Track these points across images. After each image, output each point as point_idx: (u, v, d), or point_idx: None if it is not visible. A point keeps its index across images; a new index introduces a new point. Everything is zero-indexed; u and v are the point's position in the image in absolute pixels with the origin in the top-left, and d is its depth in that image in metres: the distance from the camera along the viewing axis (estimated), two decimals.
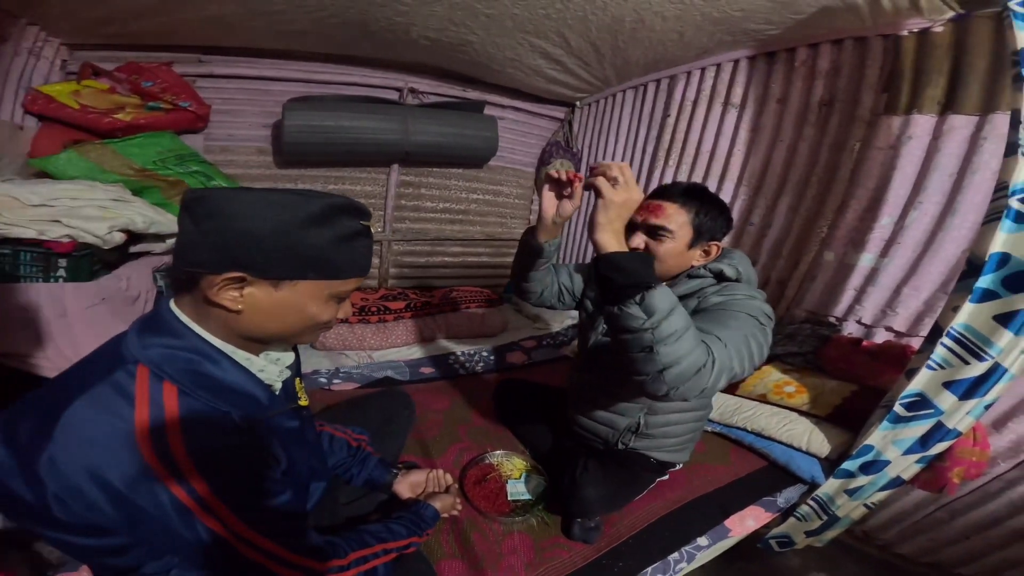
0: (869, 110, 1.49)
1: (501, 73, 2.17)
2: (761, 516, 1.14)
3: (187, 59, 1.83)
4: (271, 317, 0.53)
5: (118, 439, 0.44)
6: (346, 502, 0.91)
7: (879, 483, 1.10)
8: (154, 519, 0.45)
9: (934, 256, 1.32)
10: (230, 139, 2.01)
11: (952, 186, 1.30)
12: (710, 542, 1.03)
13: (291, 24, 1.65)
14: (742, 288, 0.88)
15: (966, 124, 1.27)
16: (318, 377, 1.57)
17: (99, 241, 1.20)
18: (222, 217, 0.48)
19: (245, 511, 0.49)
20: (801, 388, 1.32)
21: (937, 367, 0.96)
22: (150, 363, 0.48)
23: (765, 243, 1.78)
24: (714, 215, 0.90)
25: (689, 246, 0.90)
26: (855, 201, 1.49)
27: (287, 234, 0.49)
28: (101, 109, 1.55)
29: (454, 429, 1.32)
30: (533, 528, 0.99)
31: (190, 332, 0.51)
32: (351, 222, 0.54)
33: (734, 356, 0.70)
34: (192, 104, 1.74)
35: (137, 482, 0.44)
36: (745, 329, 0.75)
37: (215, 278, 0.48)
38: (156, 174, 1.55)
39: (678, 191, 0.90)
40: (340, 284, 0.55)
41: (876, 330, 1.45)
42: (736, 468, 1.24)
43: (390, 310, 1.97)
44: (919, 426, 1.00)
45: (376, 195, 2.39)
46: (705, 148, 1.96)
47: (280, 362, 0.62)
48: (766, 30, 1.61)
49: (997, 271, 0.85)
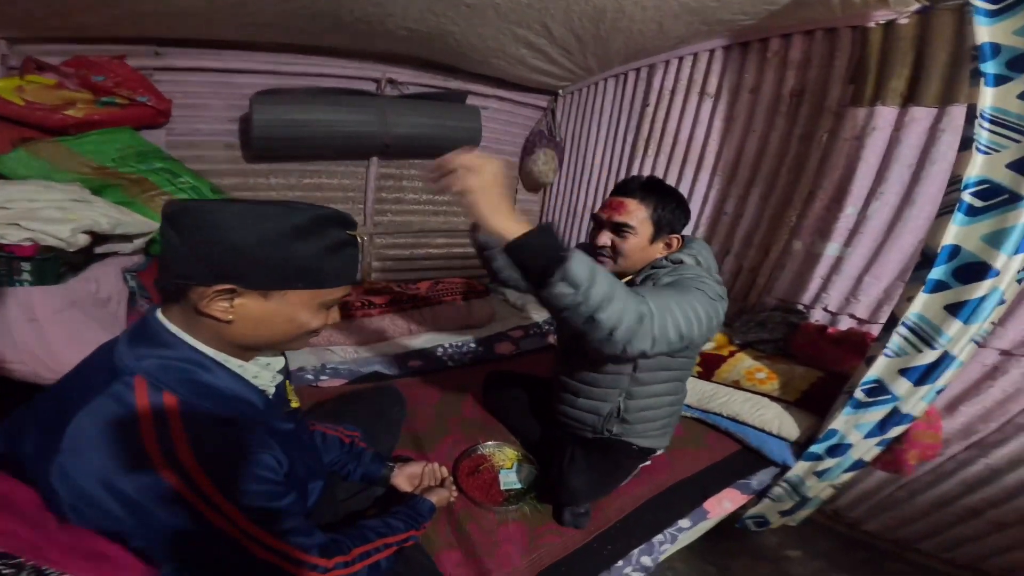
0: (837, 101, 1.52)
1: (483, 63, 2.12)
2: (737, 498, 1.20)
3: (142, 52, 1.71)
4: (262, 326, 0.54)
5: (127, 449, 0.45)
6: (344, 498, 0.93)
7: (844, 465, 1.16)
8: (167, 524, 0.47)
9: (893, 246, 1.38)
10: (195, 134, 1.90)
11: (911, 177, 1.35)
12: (691, 523, 1.09)
13: (256, 16, 1.56)
14: (694, 268, 0.91)
15: (926, 116, 1.30)
16: (304, 374, 1.55)
17: (62, 243, 1.14)
18: (209, 230, 0.48)
19: (255, 512, 0.51)
20: (772, 375, 1.37)
21: (893, 355, 1.01)
22: (147, 374, 0.49)
23: (738, 232, 1.83)
24: (672, 208, 0.93)
25: (651, 240, 0.94)
26: (822, 191, 1.54)
27: (276, 245, 0.50)
28: (49, 105, 1.45)
29: (445, 422, 1.34)
30: (526, 516, 1.03)
31: (181, 342, 0.52)
32: (338, 232, 0.55)
33: (675, 310, 0.70)
34: (151, 99, 1.64)
35: (149, 488, 0.45)
36: (689, 296, 0.76)
37: (205, 290, 0.49)
38: (116, 172, 1.47)
39: (636, 186, 0.93)
40: (329, 292, 0.57)
41: (840, 317, 1.52)
42: (713, 452, 1.31)
43: (375, 304, 1.94)
44: (878, 411, 1.06)
45: (355, 188, 2.33)
46: (682, 138, 1.99)
47: (271, 367, 0.62)
48: (740, 20, 1.63)
49: (948, 262, 0.90)
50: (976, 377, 1.21)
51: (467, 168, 0.62)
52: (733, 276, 1.87)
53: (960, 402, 1.23)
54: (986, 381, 1.19)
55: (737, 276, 1.86)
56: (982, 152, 0.85)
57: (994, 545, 1.25)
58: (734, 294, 1.86)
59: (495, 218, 0.62)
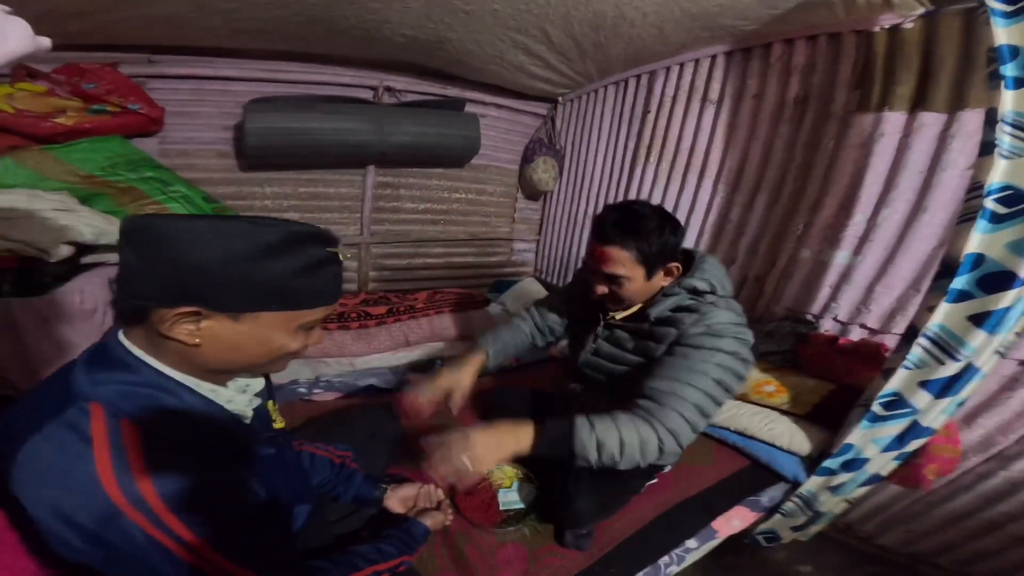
0: (842, 107, 1.50)
1: (482, 70, 2.11)
2: (747, 516, 1.15)
3: (135, 59, 1.70)
4: (232, 350, 0.49)
5: (82, 482, 0.41)
6: (334, 520, 0.88)
7: (859, 480, 1.12)
8: (134, 557, 0.43)
9: (905, 254, 1.35)
10: (188, 142, 1.88)
11: (922, 184, 1.32)
12: (699, 543, 1.04)
13: (249, 23, 1.55)
14: (720, 313, 0.87)
15: (935, 121, 1.28)
16: (297, 387, 1.50)
17: (43, 255, 1.10)
18: (168, 248, 0.44)
19: (228, 549, 0.47)
20: (781, 387, 1.33)
21: (913, 367, 0.97)
22: (104, 401, 0.44)
23: (743, 241, 1.79)
24: (656, 241, 0.87)
25: (648, 278, 0.90)
26: (830, 199, 1.51)
27: (242, 265, 0.46)
28: (39, 113, 1.42)
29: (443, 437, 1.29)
30: (526, 537, 0.98)
31: (145, 366, 0.47)
32: (315, 250, 0.51)
33: (703, 406, 0.80)
34: (143, 106, 1.62)
35: (109, 522, 0.41)
36: (718, 370, 0.82)
37: (166, 313, 0.45)
38: (105, 180, 1.44)
39: (613, 231, 0.87)
40: (307, 314, 0.52)
41: (851, 327, 1.48)
42: (720, 467, 1.26)
43: (371, 315, 1.90)
44: (896, 424, 1.02)
45: (352, 197, 2.31)
46: (684, 145, 1.97)
47: (249, 389, 0.58)
48: (742, 25, 1.62)
49: (972, 272, 0.87)
50: (994, 388, 1.17)
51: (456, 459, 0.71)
52: (739, 285, 1.83)
53: (979, 414, 1.19)
54: (1005, 392, 1.15)
55: (743, 285, 1.82)
56: (1005, 157, 0.82)
57: (1014, 560, 1.20)
58: (740, 304, 1.82)
59: (506, 452, 0.76)
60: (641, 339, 0.96)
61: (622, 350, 0.99)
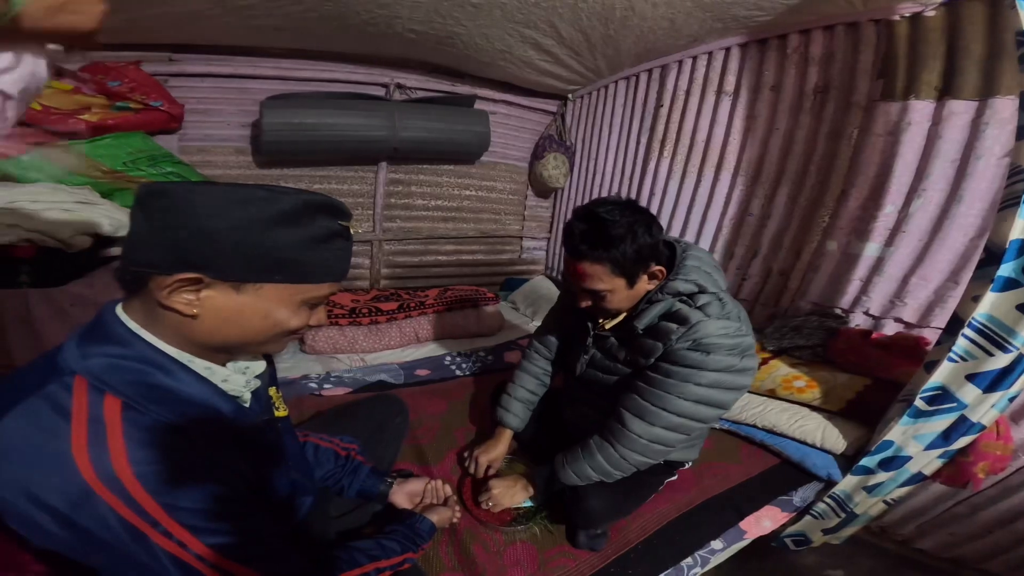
0: (865, 96, 1.47)
1: (491, 66, 2.11)
2: (778, 516, 1.11)
3: (157, 58, 1.74)
4: (231, 323, 0.47)
5: (54, 459, 0.39)
6: (337, 515, 0.86)
7: (900, 479, 1.07)
8: (107, 543, 0.40)
9: (941, 245, 1.30)
10: (206, 139, 1.92)
11: (955, 173, 1.28)
12: (724, 544, 0.99)
13: (265, 19, 1.57)
14: (709, 325, 0.79)
15: (966, 109, 1.25)
16: (308, 382, 1.50)
17: (62, 245, 1.12)
18: (179, 213, 0.43)
19: (207, 534, 0.44)
20: (812, 382, 1.28)
21: (959, 359, 0.93)
22: (89, 374, 0.42)
23: (765, 234, 1.75)
24: (630, 247, 0.79)
25: (629, 286, 0.83)
26: (856, 190, 1.47)
27: (252, 232, 0.44)
28: (65, 110, 1.47)
29: (451, 434, 1.27)
30: (536, 537, 0.95)
31: (138, 340, 0.46)
32: (327, 222, 0.49)
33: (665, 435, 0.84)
34: (164, 104, 1.66)
35: (80, 504, 0.39)
36: (693, 395, 0.81)
37: (166, 279, 0.43)
38: (127, 176, 1.47)
39: (581, 244, 0.80)
40: (312, 289, 0.50)
41: (885, 321, 1.42)
42: (747, 466, 1.21)
43: (382, 311, 1.90)
44: (942, 420, 0.98)
45: (364, 194, 2.32)
46: (700, 138, 1.93)
47: (249, 371, 0.56)
48: (756, 16, 1.59)
49: (1019, 258, 0.82)
50: None
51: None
52: (762, 279, 1.78)
53: None
54: None
55: (767, 279, 1.77)
56: None
57: None
58: (764, 298, 1.78)
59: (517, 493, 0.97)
60: (631, 350, 0.91)
61: (614, 360, 0.94)
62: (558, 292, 2.00)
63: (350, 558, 0.63)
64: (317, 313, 0.54)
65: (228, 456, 0.49)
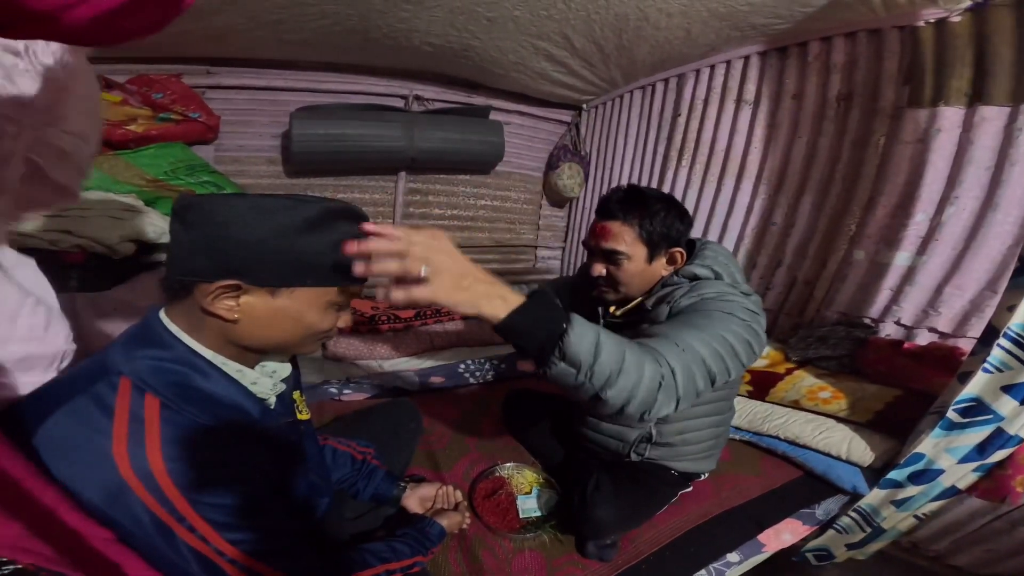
0: (891, 103, 1.44)
1: (505, 77, 2.16)
2: (799, 530, 1.07)
3: (196, 71, 1.86)
4: (269, 326, 0.51)
5: (94, 453, 0.43)
6: (352, 517, 0.88)
7: (931, 493, 1.03)
8: (136, 537, 0.43)
9: (977, 253, 1.25)
10: (240, 150, 2.03)
11: (990, 180, 1.24)
12: (741, 558, 0.97)
13: (294, 33, 1.66)
14: (715, 284, 0.80)
15: (998, 115, 1.21)
16: (328, 387, 1.54)
17: (109, 252, 1.20)
18: (215, 224, 0.46)
19: (229, 530, 0.47)
20: (838, 393, 1.25)
21: (994, 370, 0.89)
22: (134, 375, 0.46)
23: (789, 243, 1.71)
24: (663, 220, 0.82)
25: (649, 260, 0.84)
26: (884, 197, 1.43)
27: (283, 239, 0.47)
28: (114, 121, 1.58)
29: (463, 440, 1.28)
30: (545, 545, 0.94)
31: (179, 343, 0.49)
32: (348, 226, 0.52)
33: (701, 351, 0.64)
34: (202, 115, 1.76)
35: (114, 497, 0.42)
36: (716, 325, 0.69)
37: (209, 287, 0.46)
38: (167, 184, 1.56)
39: (616, 205, 0.83)
40: (339, 292, 0.53)
41: (918, 331, 1.37)
42: (768, 479, 1.18)
43: (400, 319, 1.94)
44: (976, 433, 0.94)
45: (384, 203, 2.39)
46: (719, 147, 1.91)
47: (276, 375, 0.59)
48: (775, 24, 1.57)
49: None
50: None
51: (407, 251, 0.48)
52: (787, 289, 1.75)
53: None
54: None
55: (791, 289, 1.73)
56: None
57: None
58: (788, 308, 1.74)
59: (472, 290, 0.51)
60: (642, 331, 0.88)
61: None
62: None
63: (361, 559, 0.65)
64: (344, 315, 0.57)
65: (253, 456, 0.52)
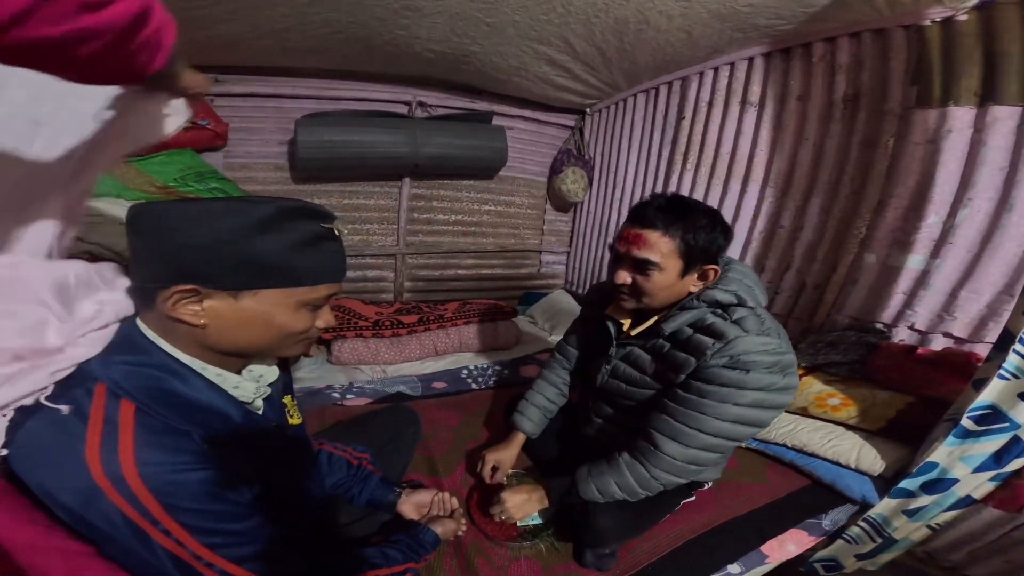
0: (899, 104, 1.40)
1: (508, 82, 2.17)
2: (804, 540, 1.03)
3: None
4: (238, 329, 0.50)
5: (68, 457, 0.42)
6: (346, 523, 0.87)
7: (945, 503, 0.99)
8: (115, 540, 0.43)
9: (992, 256, 1.21)
10: (248, 156, 2.07)
11: (1004, 181, 1.19)
12: (743, 569, 0.94)
13: (299, 42, 1.70)
14: (748, 341, 0.74)
15: (1010, 115, 1.18)
16: (331, 392, 1.55)
17: (119, 258, 1.23)
18: (162, 230, 0.46)
19: (206, 535, 0.46)
20: (847, 400, 1.21)
21: (1011, 376, 0.86)
22: (109, 381, 0.46)
23: (797, 246, 1.68)
24: (705, 235, 0.76)
25: (682, 275, 0.79)
26: (895, 200, 1.39)
27: (237, 241, 0.46)
28: None
29: (463, 446, 1.27)
30: (542, 554, 0.93)
31: (157, 349, 0.49)
32: (309, 225, 0.50)
33: (698, 455, 0.79)
34: (210, 122, 1.80)
35: (90, 503, 0.42)
36: (730, 415, 0.76)
37: (167, 292, 0.46)
38: (177, 191, 1.60)
39: (658, 214, 0.77)
40: (307, 291, 0.51)
41: (933, 336, 1.33)
42: (774, 487, 1.14)
43: (404, 324, 1.95)
44: (992, 441, 0.91)
45: (389, 208, 2.42)
46: (725, 149, 1.89)
47: (262, 379, 0.59)
48: (778, 25, 1.56)
49: None
50: None
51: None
52: (796, 293, 1.71)
53: None
54: None
55: (800, 293, 1.69)
56: None
57: None
58: (798, 313, 1.70)
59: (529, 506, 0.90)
60: (659, 362, 0.86)
61: (640, 372, 0.89)
62: (577, 306, 1.99)
63: (352, 564, 0.64)
64: (322, 315, 0.55)
65: (232, 460, 0.51)
